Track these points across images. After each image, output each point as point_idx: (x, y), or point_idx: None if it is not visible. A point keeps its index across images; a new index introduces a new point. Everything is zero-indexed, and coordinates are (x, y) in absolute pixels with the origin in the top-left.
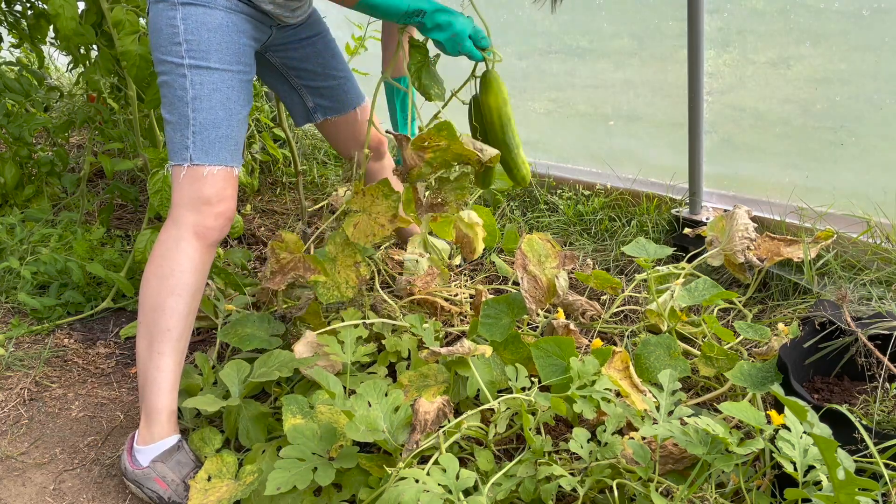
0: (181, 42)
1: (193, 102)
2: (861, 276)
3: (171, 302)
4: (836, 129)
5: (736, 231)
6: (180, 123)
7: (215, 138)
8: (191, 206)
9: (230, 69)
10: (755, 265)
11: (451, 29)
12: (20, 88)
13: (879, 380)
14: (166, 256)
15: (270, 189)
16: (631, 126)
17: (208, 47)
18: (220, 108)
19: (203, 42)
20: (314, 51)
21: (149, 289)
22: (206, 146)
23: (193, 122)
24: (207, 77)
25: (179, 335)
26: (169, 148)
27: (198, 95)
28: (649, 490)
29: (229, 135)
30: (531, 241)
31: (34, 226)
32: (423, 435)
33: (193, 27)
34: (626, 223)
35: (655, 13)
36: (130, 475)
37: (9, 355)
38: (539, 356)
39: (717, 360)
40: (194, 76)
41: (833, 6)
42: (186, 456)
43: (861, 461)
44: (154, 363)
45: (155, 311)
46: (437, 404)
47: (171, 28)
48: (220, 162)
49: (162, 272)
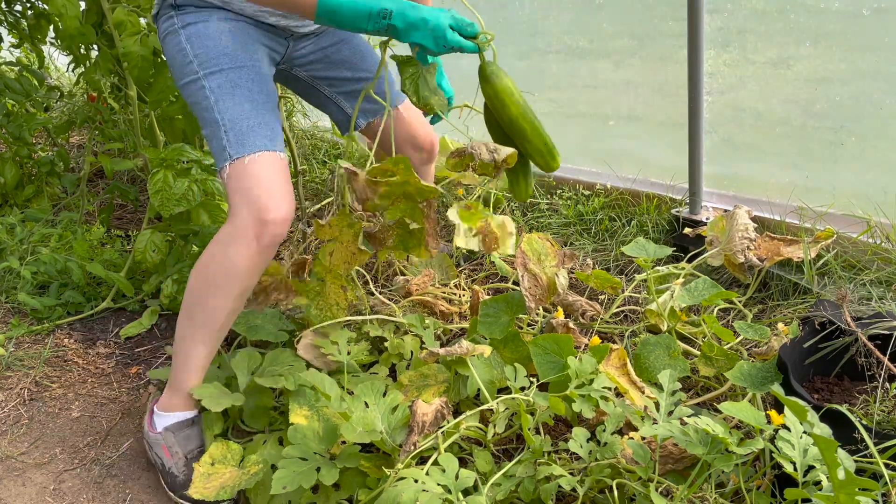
0: (192, 60)
1: (217, 105)
2: (861, 276)
3: (214, 302)
4: (836, 129)
5: (736, 231)
6: (214, 130)
7: (247, 128)
8: (244, 202)
9: (243, 65)
10: (755, 265)
11: (427, 24)
12: (20, 88)
13: (879, 380)
14: (221, 253)
15: None
16: (631, 126)
17: (216, 53)
18: (244, 101)
19: (209, 51)
20: (340, 58)
21: (194, 284)
22: (240, 138)
23: (223, 122)
24: (224, 78)
25: (219, 329)
26: (214, 158)
27: (219, 98)
28: (649, 490)
29: (262, 122)
30: (531, 240)
31: (34, 226)
32: (420, 437)
33: (197, 42)
34: (626, 223)
35: (655, 13)
36: (145, 435)
37: (9, 355)
38: (537, 353)
39: (717, 360)
40: (211, 83)
41: (833, 6)
42: (196, 434)
43: (861, 461)
44: (189, 347)
45: (198, 306)
46: (436, 406)
47: (181, 52)
48: (258, 148)
49: (208, 272)
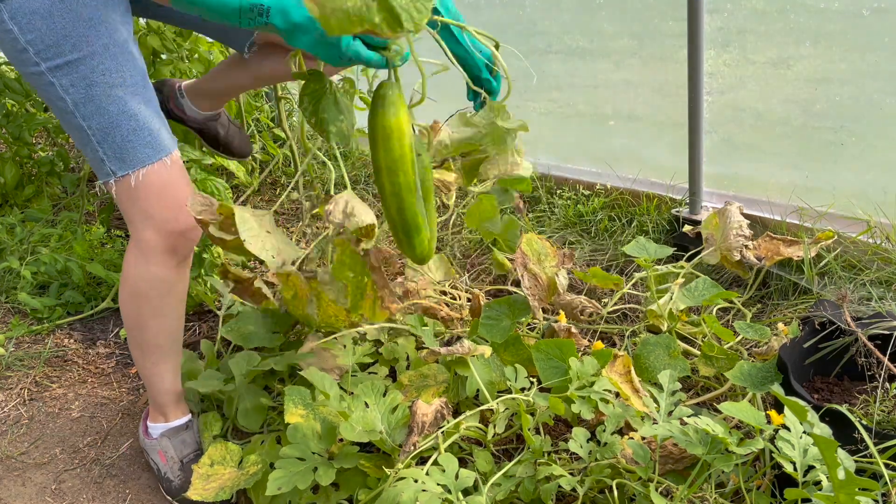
0: (25, 47)
1: (77, 110)
2: (861, 276)
3: (153, 322)
4: (836, 129)
5: (730, 229)
6: (81, 137)
7: (122, 140)
8: (143, 224)
9: (91, 51)
10: (753, 263)
11: (316, 27)
12: (20, 88)
13: (879, 380)
14: (139, 279)
15: (270, 189)
16: (631, 126)
17: (53, 38)
18: (106, 102)
19: (43, 35)
20: None
21: (128, 310)
22: (117, 152)
23: (91, 131)
24: (73, 75)
25: (170, 343)
26: (91, 166)
27: (77, 101)
28: (649, 490)
29: (136, 125)
30: (530, 241)
31: (34, 226)
32: (420, 437)
33: (25, 22)
34: (626, 223)
35: (655, 13)
36: (141, 441)
37: (9, 355)
38: (540, 358)
39: (717, 359)
40: (61, 79)
41: (833, 6)
42: (192, 437)
43: (861, 461)
44: (150, 370)
45: (139, 330)
46: (436, 406)
47: (8, 35)
48: (142, 163)
49: (138, 294)
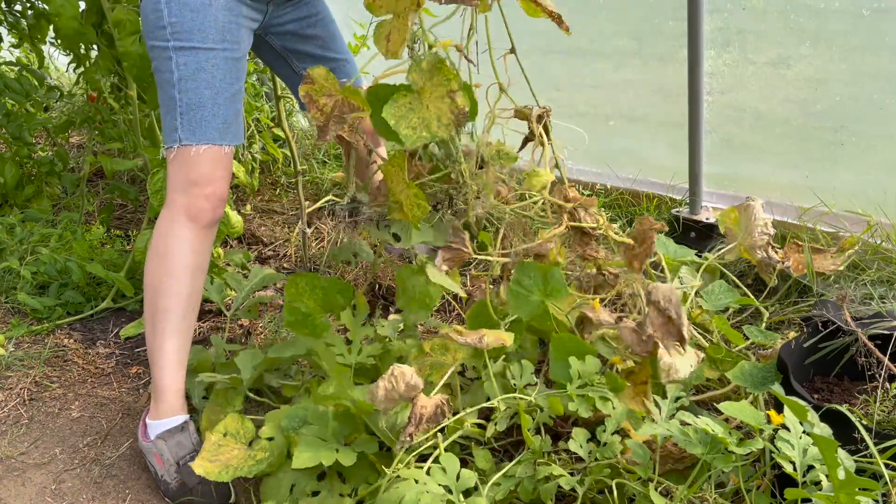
0: (165, 25)
1: (179, 84)
2: (862, 275)
3: (169, 283)
4: (836, 129)
5: (755, 226)
6: (170, 106)
7: (202, 118)
8: (181, 188)
9: (214, 48)
10: (774, 263)
11: None
12: (20, 88)
13: (879, 380)
14: (162, 239)
15: (270, 189)
16: (631, 126)
17: (191, 27)
18: (205, 87)
19: (186, 23)
20: (312, 33)
21: (149, 270)
22: (193, 126)
23: (180, 104)
24: (192, 57)
25: (181, 315)
26: (163, 132)
27: (182, 76)
28: (649, 490)
29: (216, 113)
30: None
31: (34, 226)
32: (417, 429)
33: (176, 9)
34: (626, 223)
35: (655, 13)
36: (139, 444)
37: (9, 355)
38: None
39: (723, 362)
40: (179, 57)
41: (833, 6)
42: (188, 439)
43: (861, 461)
44: (157, 343)
45: (155, 292)
46: (436, 401)
47: (156, 13)
48: (208, 141)
49: (159, 254)
